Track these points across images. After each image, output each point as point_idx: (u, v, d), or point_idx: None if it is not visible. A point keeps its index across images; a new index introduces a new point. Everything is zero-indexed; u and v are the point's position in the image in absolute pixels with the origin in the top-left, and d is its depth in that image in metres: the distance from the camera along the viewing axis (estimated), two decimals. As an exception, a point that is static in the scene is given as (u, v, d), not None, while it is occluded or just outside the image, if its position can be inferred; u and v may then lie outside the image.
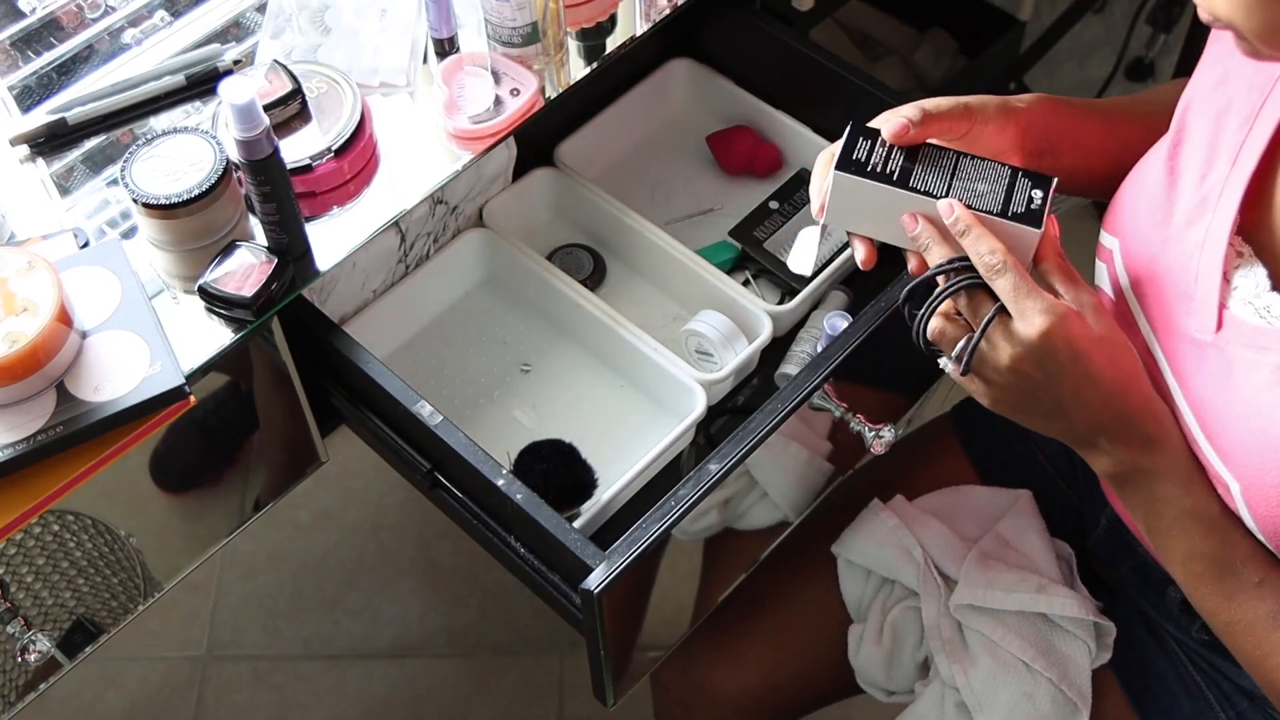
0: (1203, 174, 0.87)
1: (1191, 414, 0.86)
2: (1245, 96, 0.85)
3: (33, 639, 1.03)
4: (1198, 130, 0.89)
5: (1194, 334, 0.85)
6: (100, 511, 1.03)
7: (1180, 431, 0.85)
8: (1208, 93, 0.89)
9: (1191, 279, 0.85)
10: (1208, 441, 0.84)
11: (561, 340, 1.26)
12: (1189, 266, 0.86)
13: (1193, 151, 0.88)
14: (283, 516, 1.91)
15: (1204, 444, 0.85)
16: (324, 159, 1.07)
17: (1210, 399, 0.84)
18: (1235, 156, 0.85)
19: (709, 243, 1.30)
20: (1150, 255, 0.89)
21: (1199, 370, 0.85)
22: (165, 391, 0.93)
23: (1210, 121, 0.88)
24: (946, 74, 2.05)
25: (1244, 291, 0.83)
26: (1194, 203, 0.87)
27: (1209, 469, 0.85)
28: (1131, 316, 0.92)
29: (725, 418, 1.19)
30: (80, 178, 1.11)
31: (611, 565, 0.92)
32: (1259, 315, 0.82)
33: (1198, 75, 0.90)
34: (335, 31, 1.18)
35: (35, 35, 1.19)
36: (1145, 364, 0.90)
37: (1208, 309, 0.84)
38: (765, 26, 1.31)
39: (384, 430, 1.11)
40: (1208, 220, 0.85)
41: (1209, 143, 0.87)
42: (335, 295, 1.16)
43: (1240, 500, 0.83)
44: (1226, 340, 0.83)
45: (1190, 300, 0.85)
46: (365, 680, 1.79)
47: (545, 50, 1.16)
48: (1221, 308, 0.84)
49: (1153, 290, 0.89)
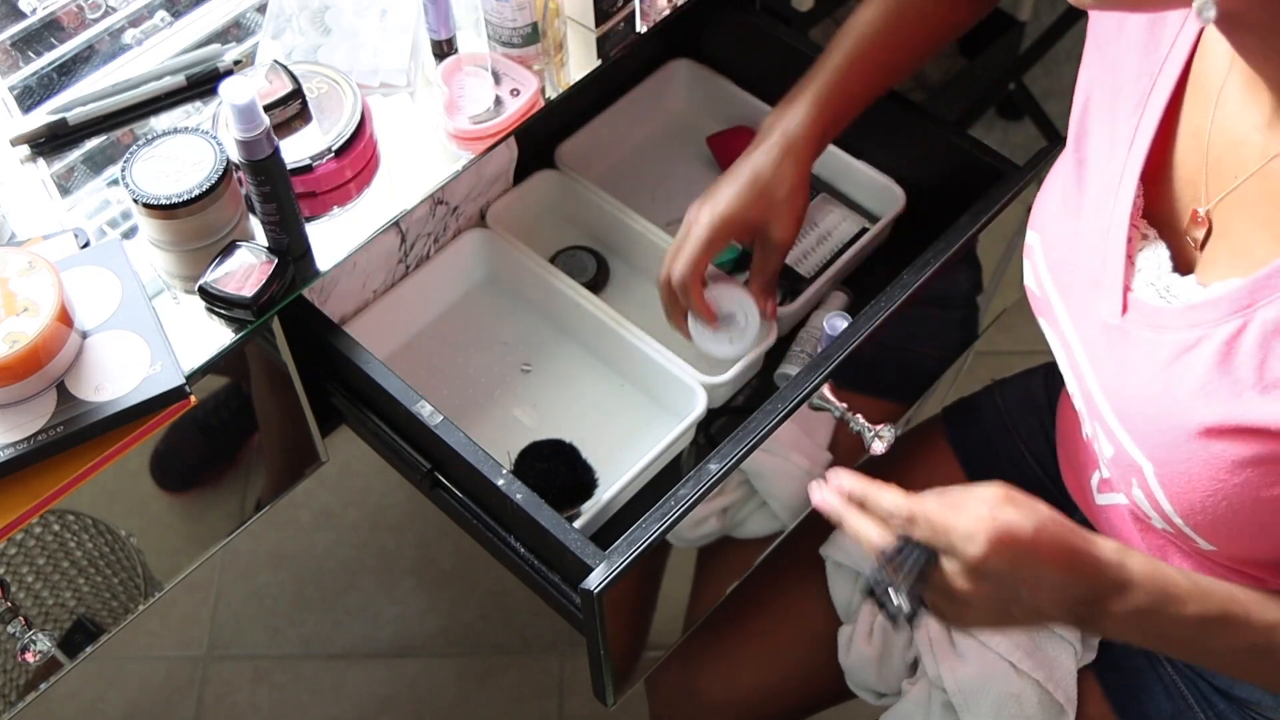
0: (1105, 162, 0.88)
1: (1104, 398, 0.87)
2: (1135, 83, 0.87)
3: (33, 639, 1.03)
4: (1097, 121, 0.90)
5: (1104, 319, 0.86)
6: (100, 511, 1.03)
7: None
8: (1100, 82, 0.90)
9: (1100, 264, 0.87)
10: (1120, 425, 0.86)
11: (562, 340, 1.26)
12: (1097, 252, 0.87)
13: (1095, 143, 0.90)
14: (283, 516, 1.91)
15: (1117, 428, 0.86)
16: (324, 159, 1.07)
17: (1120, 383, 0.85)
18: (1131, 141, 0.86)
19: (709, 243, 1.29)
20: (1066, 246, 0.91)
21: (1110, 355, 0.86)
22: (165, 391, 0.93)
23: (1106, 111, 0.89)
24: (946, 74, 2.05)
25: (1146, 273, 0.85)
26: (1099, 191, 0.88)
27: (1124, 453, 0.86)
28: (1053, 310, 0.93)
29: (725, 418, 1.19)
30: (81, 178, 1.11)
31: (611, 565, 0.92)
32: (1159, 296, 0.84)
33: (1087, 68, 0.92)
34: (335, 32, 1.18)
35: (36, 35, 1.19)
36: (1067, 356, 0.92)
37: (1114, 293, 0.85)
38: (765, 26, 1.32)
39: (384, 430, 1.11)
40: (1111, 205, 0.87)
41: (1108, 132, 0.89)
42: (336, 295, 1.16)
43: (1154, 481, 0.84)
44: (1131, 323, 0.84)
45: (1100, 286, 0.87)
46: (365, 680, 1.79)
47: (545, 50, 1.16)
48: (1126, 291, 0.85)
49: (1069, 280, 0.91)
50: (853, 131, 1.29)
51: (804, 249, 1.27)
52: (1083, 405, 0.92)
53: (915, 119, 1.24)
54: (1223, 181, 0.82)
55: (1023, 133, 2.21)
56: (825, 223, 1.29)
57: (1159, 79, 0.85)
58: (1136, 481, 0.87)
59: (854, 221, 1.29)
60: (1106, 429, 0.88)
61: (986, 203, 1.12)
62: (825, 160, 1.31)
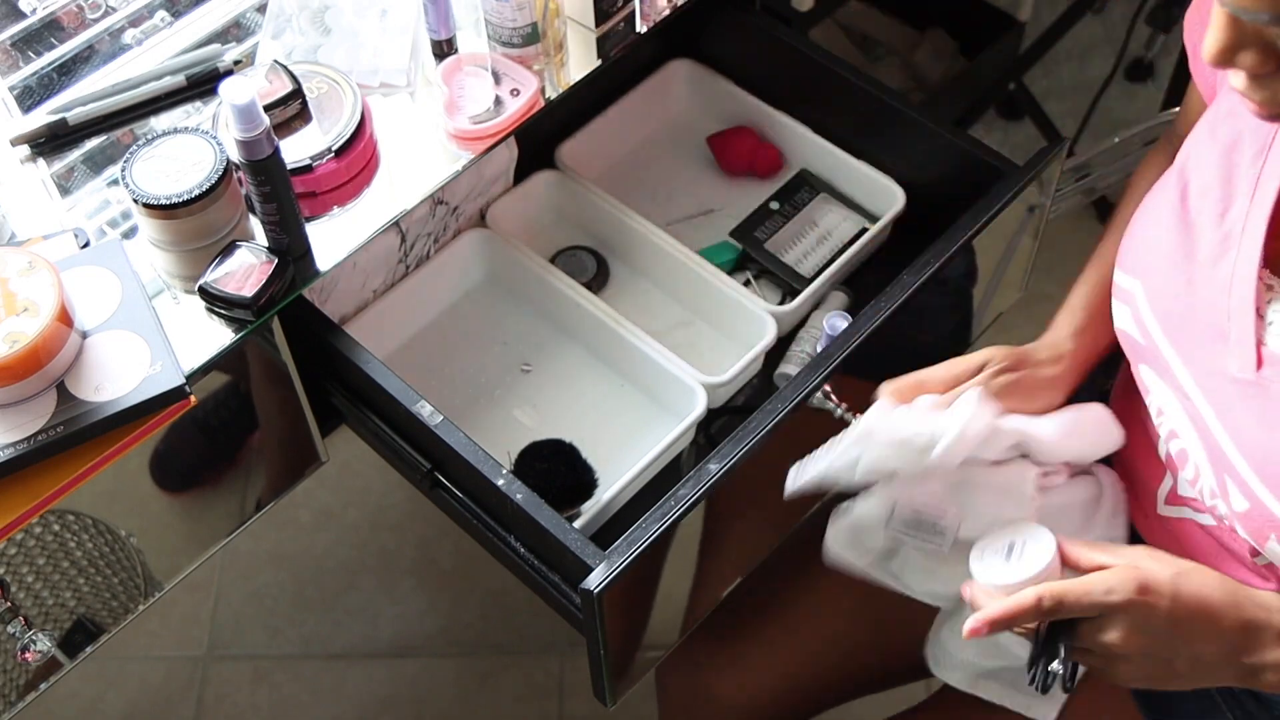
0: (1221, 211, 0.86)
1: (1240, 454, 0.84)
2: (1255, 130, 0.85)
3: (33, 639, 1.03)
4: (1206, 168, 0.88)
5: (1235, 374, 0.84)
6: (100, 511, 1.03)
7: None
8: (1211, 130, 0.88)
9: (1224, 318, 0.84)
10: (1261, 482, 0.83)
11: (562, 340, 1.26)
12: (1220, 305, 0.85)
13: (1204, 190, 0.87)
14: (283, 516, 1.91)
15: (1256, 484, 0.84)
16: (324, 159, 1.07)
17: (1258, 438, 0.83)
18: (1253, 190, 0.84)
19: (710, 243, 1.30)
20: (1176, 296, 0.88)
21: (1244, 409, 0.84)
22: (165, 391, 0.93)
23: (1219, 158, 0.87)
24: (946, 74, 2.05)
25: (1278, 326, 0.83)
26: (1216, 240, 0.86)
27: (1263, 510, 0.84)
28: (1164, 359, 0.90)
29: (725, 417, 1.19)
30: (81, 178, 1.11)
31: (611, 565, 0.92)
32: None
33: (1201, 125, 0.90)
34: (335, 32, 1.18)
35: (36, 35, 1.19)
36: (1183, 405, 0.89)
37: (1245, 348, 0.83)
38: (765, 27, 1.31)
39: (384, 430, 1.11)
40: (1233, 257, 0.84)
41: (1223, 179, 0.86)
42: (335, 295, 1.16)
43: None
44: (1268, 378, 0.82)
45: (1226, 340, 0.84)
46: (365, 680, 1.79)
47: (545, 50, 1.16)
48: (1259, 345, 0.82)
49: (1184, 331, 0.88)
50: (853, 131, 1.30)
51: (804, 249, 1.27)
52: (1204, 457, 0.89)
53: (915, 119, 1.24)
54: None
55: (1023, 133, 2.21)
56: (825, 222, 1.29)
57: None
58: (1276, 536, 0.84)
59: (854, 221, 1.29)
60: (1241, 483, 0.85)
61: (987, 203, 1.12)
62: (825, 160, 1.32)
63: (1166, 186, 0.92)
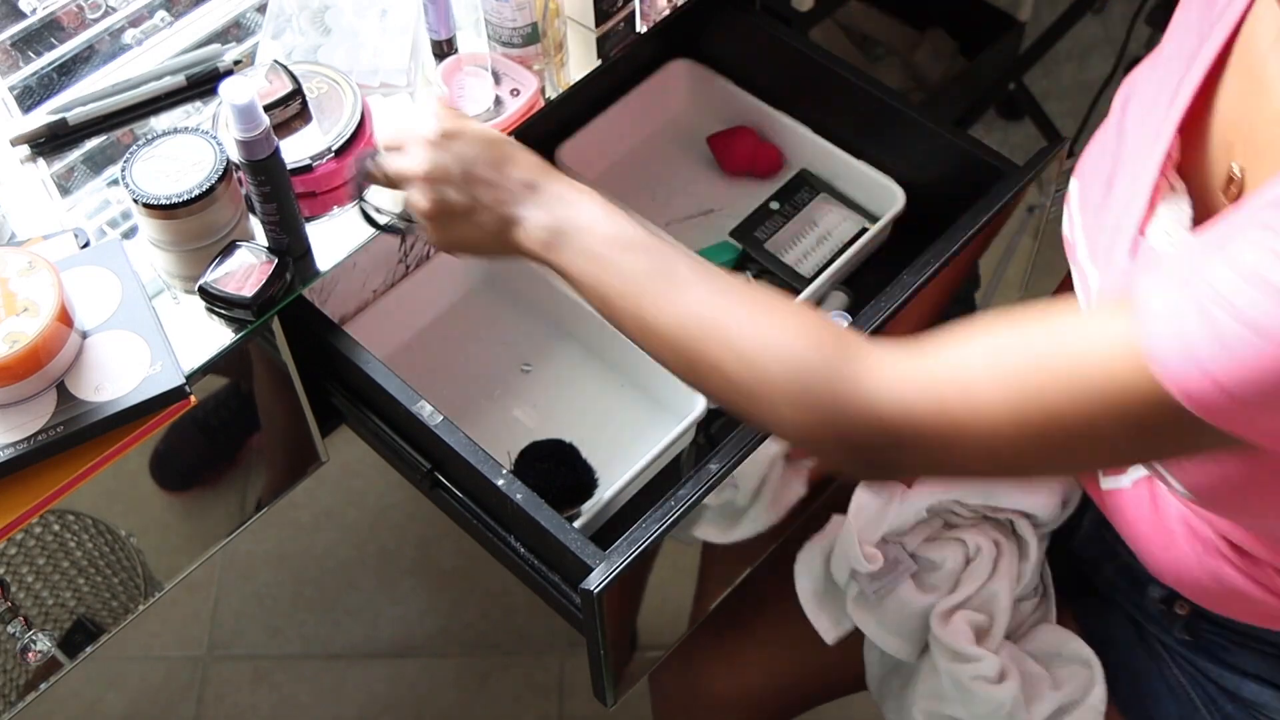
0: (1146, 115, 0.88)
1: None
2: (1184, 38, 0.87)
3: (33, 639, 1.03)
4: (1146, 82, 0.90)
5: (1116, 261, 0.86)
6: (100, 511, 1.03)
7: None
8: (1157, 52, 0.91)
9: (1123, 209, 0.86)
10: None
11: (562, 340, 1.26)
12: (1123, 198, 0.87)
13: (1140, 100, 0.90)
14: (283, 516, 1.91)
15: None
16: (324, 159, 1.07)
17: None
18: (1174, 94, 0.86)
19: (710, 243, 1.30)
20: (1099, 191, 0.91)
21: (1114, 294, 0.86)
22: (165, 391, 0.93)
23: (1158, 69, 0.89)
24: (946, 74, 2.05)
25: (1163, 222, 0.84)
26: (1138, 141, 0.88)
27: None
28: (1077, 253, 0.93)
29: (725, 417, 1.19)
30: (81, 178, 1.11)
31: (611, 565, 0.92)
32: (1170, 246, 0.83)
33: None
34: (335, 32, 1.18)
35: (36, 35, 1.19)
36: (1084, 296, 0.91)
37: (1128, 237, 0.85)
38: (765, 27, 1.32)
39: (384, 430, 1.11)
40: (1146, 154, 0.86)
41: (1155, 88, 0.88)
42: (335, 295, 1.16)
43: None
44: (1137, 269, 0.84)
45: (1120, 230, 0.86)
46: (365, 680, 1.79)
47: (545, 50, 1.16)
48: (1140, 235, 0.84)
49: (1095, 223, 0.91)
50: (853, 131, 1.30)
51: (804, 249, 1.27)
52: None
53: (915, 119, 1.24)
54: (1258, 146, 0.81)
55: (1023, 133, 2.21)
56: (825, 222, 1.29)
57: (1210, 37, 0.84)
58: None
59: (854, 221, 1.29)
60: None
61: (987, 203, 1.12)
62: (825, 160, 1.32)
63: (1114, 102, 0.94)
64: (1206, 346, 0.64)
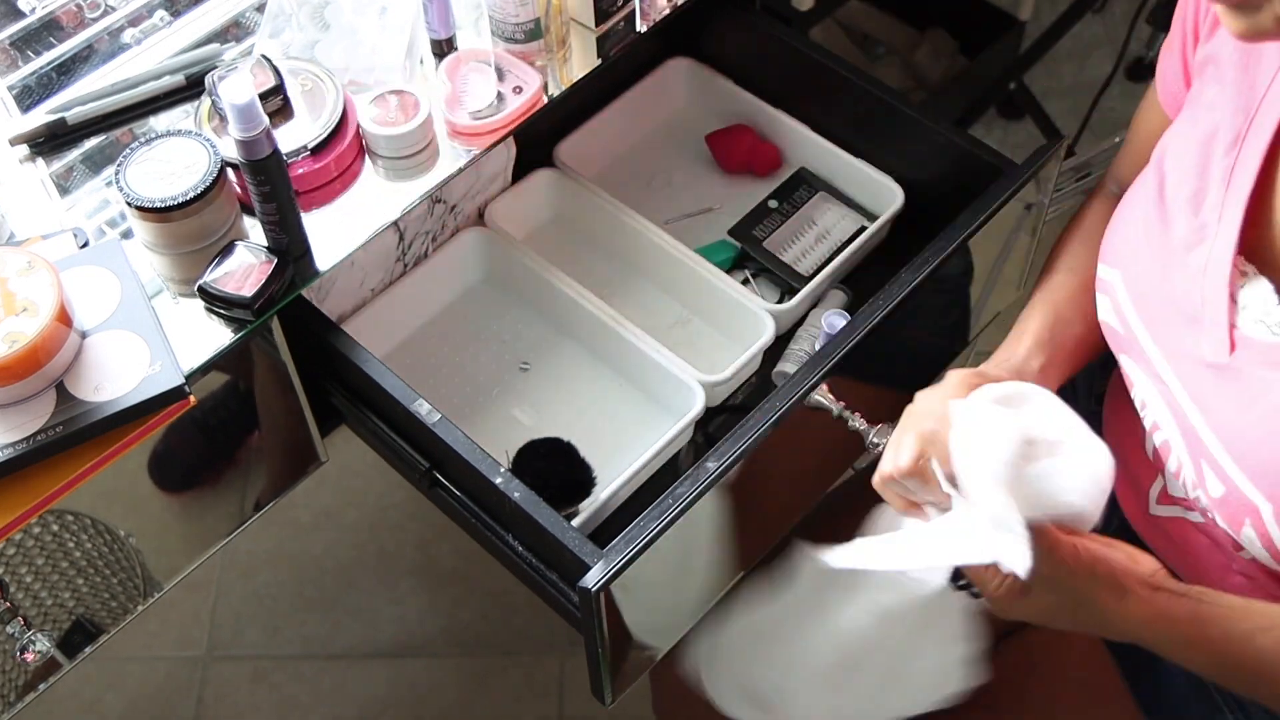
0: (1197, 200, 0.87)
1: (1216, 439, 0.85)
2: (1231, 119, 0.86)
3: (32, 639, 1.03)
4: (1183, 159, 0.89)
5: (1208, 358, 0.85)
6: (100, 511, 1.03)
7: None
8: (1192, 121, 0.89)
9: (1199, 303, 0.85)
10: (1235, 465, 0.84)
11: (560, 339, 1.26)
12: (1193, 292, 0.86)
13: (1181, 180, 0.89)
14: (283, 516, 1.91)
15: (1231, 468, 0.84)
16: (300, 156, 1.07)
17: (1233, 422, 0.84)
18: (1228, 179, 0.85)
19: (708, 242, 1.30)
20: (1153, 284, 0.89)
21: (1218, 394, 0.85)
22: (165, 391, 0.93)
23: (1196, 148, 0.88)
24: (946, 73, 2.05)
25: (1253, 310, 0.83)
26: (1192, 229, 0.87)
27: (1237, 493, 0.84)
28: (1141, 348, 0.91)
29: (723, 416, 1.19)
30: (80, 177, 1.11)
31: (609, 563, 0.92)
32: (1271, 332, 0.82)
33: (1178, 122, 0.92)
34: (334, 28, 1.18)
35: (35, 35, 1.19)
36: (1161, 394, 0.90)
37: (1218, 332, 0.84)
38: (765, 26, 1.32)
39: (383, 429, 1.11)
40: (1209, 244, 0.85)
41: (1198, 170, 0.87)
42: (334, 294, 1.16)
43: (1272, 522, 0.83)
44: (1242, 362, 0.83)
45: (1199, 324, 0.85)
46: (365, 680, 1.79)
47: (549, 46, 1.16)
48: (1232, 329, 0.84)
49: (1160, 318, 0.89)
50: (852, 130, 1.30)
51: (802, 247, 1.27)
52: (1182, 443, 0.90)
53: (915, 118, 1.24)
54: None
55: (1023, 132, 2.21)
56: (824, 221, 1.29)
57: (1258, 115, 0.84)
58: (1250, 521, 0.85)
59: (853, 220, 1.29)
60: (1217, 468, 0.86)
61: (985, 201, 1.12)
62: (824, 158, 1.32)
63: (1145, 180, 0.93)
64: None
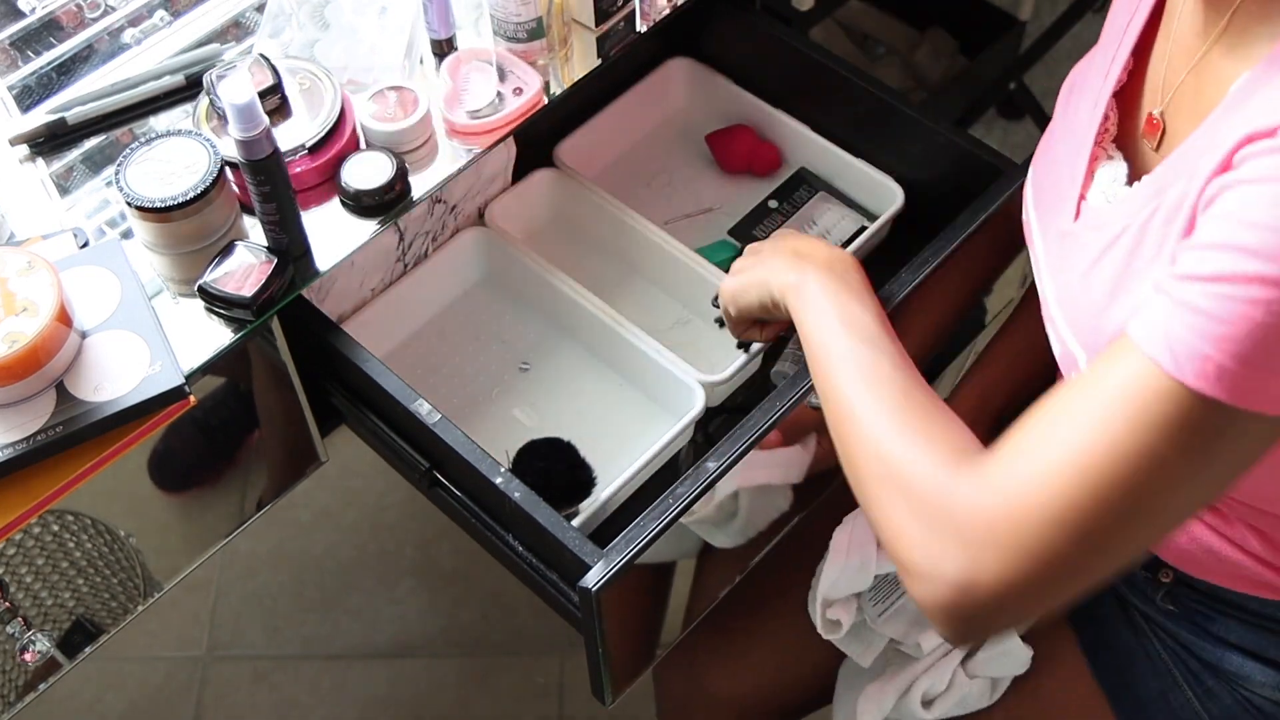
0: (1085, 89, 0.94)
1: (1054, 299, 0.91)
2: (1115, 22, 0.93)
3: (32, 639, 1.03)
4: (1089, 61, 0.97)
5: (1061, 226, 0.91)
6: (100, 511, 1.03)
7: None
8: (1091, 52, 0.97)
9: (1069, 181, 0.91)
10: (1064, 322, 0.89)
11: (560, 339, 1.26)
12: (1066, 171, 0.92)
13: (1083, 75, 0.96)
14: (283, 516, 1.91)
15: (1062, 325, 0.89)
16: (298, 155, 1.07)
17: (1065, 282, 0.89)
18: (1107, 68, 0.91)
19: (708, 242, 1.30)
20: (1044, 170, 0.97)
21: (1061, 258, 0.91)
22: (165, 391, 0.93)
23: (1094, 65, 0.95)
24: (946, 73, 2.05)
25: (1101, 184, 0.89)
26: (1078, 118, 0.94)
27: (1066, 350, 0.89)
28: (1030, 229, 0.98)
29: (723, 416, 1.19)
30: (80, 177, 1.11)
31: (610, 563, 0.92)
32: (1106, 201, 0.88)
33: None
34: (334, 27, 1.18)
35: (35, 35, 1.19)
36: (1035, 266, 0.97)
37: (1070, 203, 0.90)
38: (765, 26, 1.32)
39: (383, 429, 1.11)
40: (1084, 129, 0.92)
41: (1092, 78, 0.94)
42: (333, 294, 1.16)
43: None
44: (1079, 228, 0.89)
45: (1063, 199, 0.91)
46: (365, 680, 1.79)
47: (550, 45, 1.16)
48: (1081, 200, 0.90)
49: (1042, 199, 0.96)
50: (852, 130, 1.30)
51: (803, 248, 1.27)
52: (1044, 309, 0.95)
53: (915, 118, 1.24)
54: (1177, 92, 0.85)
55: (1023, 132, 2.21)
56: (823, 221, 1.29)
57: (1137, 11, 0.90)
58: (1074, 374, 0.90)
59: (852, 220, 1.29)
60: (1054, 328, 0.91)
61: (985, 201, 1.12)
62: (824, 158, 1.32)
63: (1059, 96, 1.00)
64: (1192, 330, 0.68)
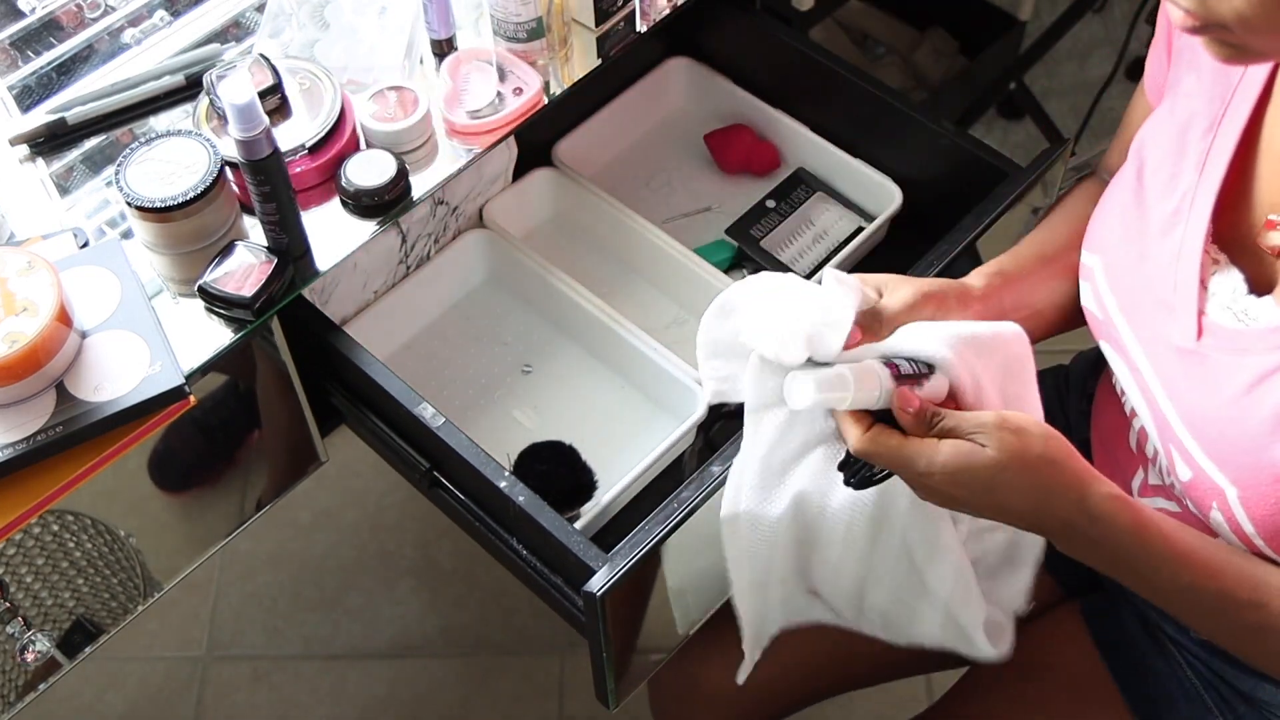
0: (1171, 185, 0.88)
1: (1183, 423, 0.86)
2: (1207, 106, 0.87)
3: (32, 639, 1.03)
4: (1160, 146, 0.90)
5: (1177, 343, 0.86)
6: (100, 511, 1.03)
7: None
8: (1169, 110, 0.90)
9: (1171, 289, 0.86)
10: (1201, 449, 0.85)
11: (562, 341, 1.26)
12: (1167, 277, 0.87)
13: (1158, 166, 0.90)
14: (283, 516, 1.90)
15: (1197, 452, 0.85)
16: (298, 155, 1.07)
17: (1199, 406, 0.85)
18: (1202, 165, 0.86)
19: (706, 241, 1.30)
20: (1129, 269, 0.91)
21: (1186, 378, 0.86)
22: (165, 391, 0.93)
23: (1174, 135, 0.89)
24: (946, 74, 2.05)
25: (1221, 297, 0.85)
26: (1166, 214, 0.88)
27: (1204, 477, 0.85)
28: (1118, 333, 0.92)
29: (724, 419, 1.19)
30: (80, 177, 1.11)
31: (614, 568, 0.92)
32: (1236, 319, 0.83)
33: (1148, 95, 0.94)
34: (334, 27, 1.17)
35: (35, 35, 1.19)
36: (1135, 379, 0.91)
37: (1188, 317, 0.85)
38: (765, 26, 1.31)
39: (384, 430, 1.11)
40: (1181, 230, 0.86)
41: (1175, 155, 0.88)
42: (336, 296, 1.16)
43: (1237, 505, 0.83)
44: (1208, 347, 0.84)
45: (1171, 310, 0.86)
46: (365, 680, 1.79)
47: (550, 45, 1.16)
48: (1200, 315, 0.85)
49: (1134, 303, 0.90)
50: (852, 131, 1.30)
51: (800, 247, 1.27)
52: (1153, 428, 0.91)
53: (915, 118, 1.24)
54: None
55: (1023, 132, 2.21)
56: (821, 221, 1.29)
57: (1232, 103, 0.85)
58: (1218, 505, 0.85)
59: (850, 220, 1.29)
60: (1184, 452, 0.87)
61: (990, 203, 1.12)
62: (822, 158, 1.32)
63: (1125, 169, 0.94)
64: None
